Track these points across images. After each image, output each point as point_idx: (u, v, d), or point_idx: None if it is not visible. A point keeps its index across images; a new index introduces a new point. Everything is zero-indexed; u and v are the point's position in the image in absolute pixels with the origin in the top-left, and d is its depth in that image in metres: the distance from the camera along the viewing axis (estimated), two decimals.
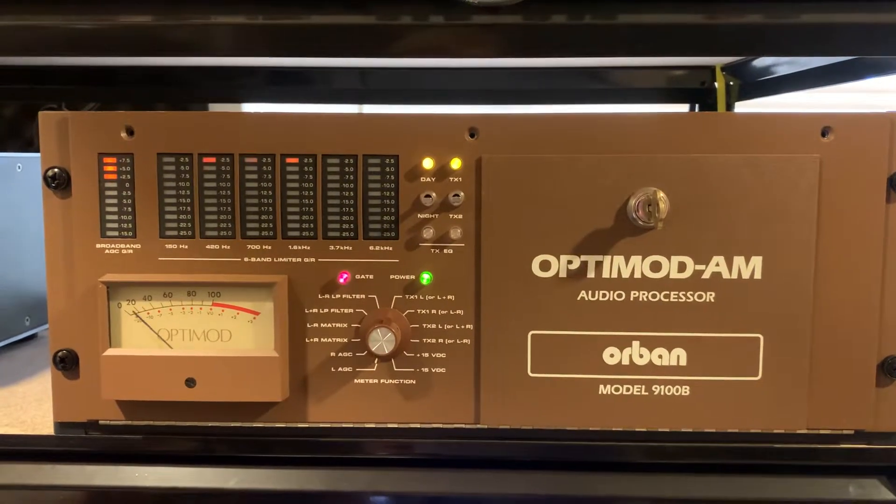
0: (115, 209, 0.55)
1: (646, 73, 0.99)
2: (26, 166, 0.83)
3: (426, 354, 0.56)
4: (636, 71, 0.98)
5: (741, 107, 0.98)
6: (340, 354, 0.56)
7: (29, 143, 1.28)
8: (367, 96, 1.04)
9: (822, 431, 0.56)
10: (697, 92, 1.00)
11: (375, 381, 0.56)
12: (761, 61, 0.88)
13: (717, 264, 0.54)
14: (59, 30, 0.52)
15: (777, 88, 0.91)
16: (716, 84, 0.97)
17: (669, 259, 0.55)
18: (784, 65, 0.84)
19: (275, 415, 0.57)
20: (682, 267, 0.55)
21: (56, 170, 0.55)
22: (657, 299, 0.55)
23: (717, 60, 0.95)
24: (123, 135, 0.55)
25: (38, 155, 0.55)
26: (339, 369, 0.56)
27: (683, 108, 1.03)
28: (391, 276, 0.55)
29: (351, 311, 0.56)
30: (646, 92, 1.00)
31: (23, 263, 0.83)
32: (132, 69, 0.96)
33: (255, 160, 0.55)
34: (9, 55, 0.53)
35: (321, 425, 0.57)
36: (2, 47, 0.53)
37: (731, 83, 0.96)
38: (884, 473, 0.56)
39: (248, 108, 1.18)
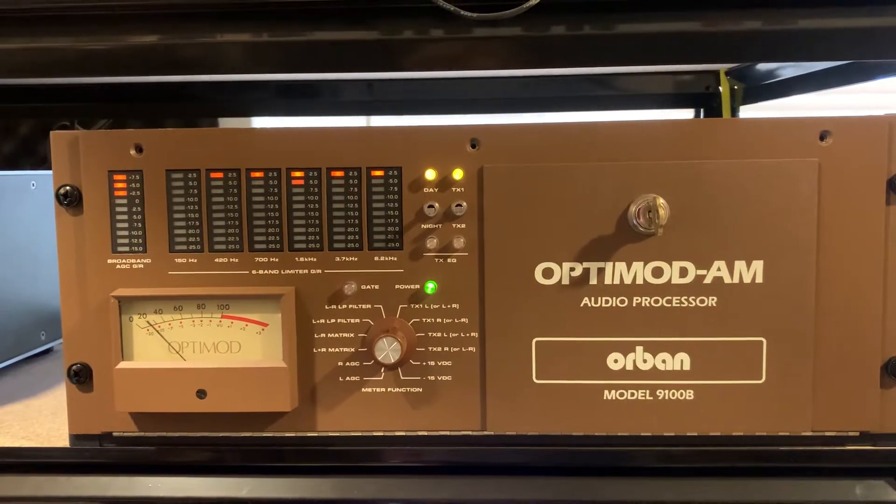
0: (126, 225, 0.56)
1: (649, 78, 0.99)
2: (40, 184, 0.85)
3: (432, 363, 0.57)
4: (640, 77, 0.99)
5: (746, 110, 0.98)
6: (348, 364, 0.57)
7: (43, 161, 1.30)
8: (374, 108, 1.05)
9: (827, 433, 0.56)
10: (702, 96, 1.00)
11: (383, 389, 0.57)
12: (765, 65, 0.88)
13: (719, 269, 0.55)
14: (72, 51, 0.53)
15: (782, 91, 0.91)
16: (720, 88, 0.97)
17: (671, 264, 0.55)
18: (788, 68, 0.85)
19: (284, 424, 0.58)
20: (683, 272, 0.55)
21: (68, 187, 0.56)
22: (659, 305, 0.55)
23: (722, 65, 0.95)
24: (133, 152, 0.56)
25: (51, 172, 0.57)
26: (347, 378, 0.57)
27: (688, 112, 1.03)
28: (396, 286, 0.56)
29: (357, 320, 0.57)
30: (650, 98, 1.00)
31: (38, 279, 0.84)
32: (143, 86, 0.98)
33: (261, 175, 0.56)
34: (24, 76, 0.55)
35: (330, 434, 0.58)
36: (18, 69, 0.54)
37: (736, 87, 0.96)
38: (890, 474, 0.56)
39: (258, 121, 1.19)
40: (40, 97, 0.99)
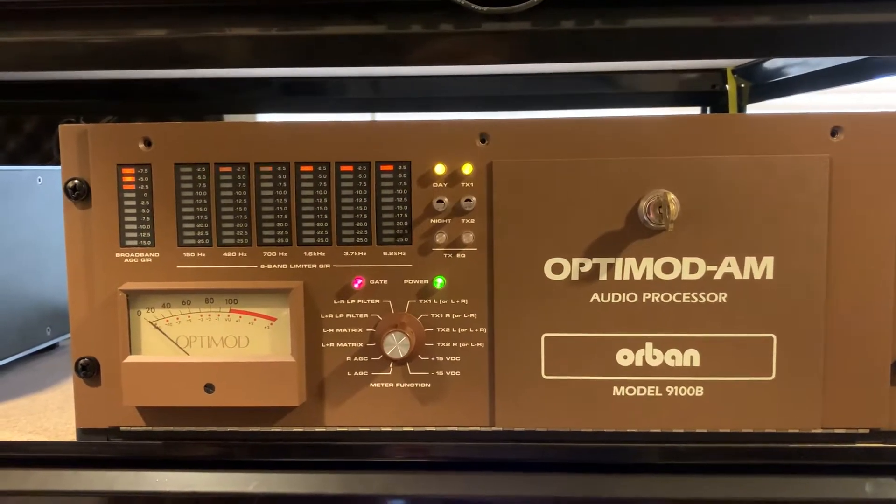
0: (134, 219, 0.56)
1: (657, 76, 0.99)
2: (46, 179, 0.85)
3: (441, 358, 0.57)
4: (647, 75, 0.99)
5: (753, 109, 0.98)
6: (356, 359, 0.57)
7: (48, 157, 1.30)
8: (379, 105, 1.05)
9: (836, 431, 0.56)
10: (709, 95, 1.00)
11: (391, 384, 0.57)
12: (772, 63, 0.88)
13: (729, 265, 0.55)
14: (79, 44, 0.53)
15: (789, 90, 0.91)
16: (727, 86, 0.97)
17: (681, 260, 0.55)
18: (795, 66, 0.84)
19: (292, 419, 0.57)
20: (693, 268, 0.55)
21: (76, 181, 0.56)
22: (669, 300, 0.55)
23: (729, 63, 0.95)
24: (141, 146, 0.56)
25: (57, 168, 0.57)
26: (355, 373, 0.57)
27: (695, 111, 1.03)
28: (405, 281, 0.56)
29: (366, 315, 0.56)
30: (657, 95, 1.00)
31: (43, 274, 0.84)
32: (148, 82, 0.98)
33: (270, 169, 0.56)
34: (31, 70, 0.55)
35: (338, 429, 0.58)
36: (25, 62, 0.54)
37: (743, 85, 0.96)
38: None
39: (263, 118, 1.19)
40: (45, 93, 0.98)
